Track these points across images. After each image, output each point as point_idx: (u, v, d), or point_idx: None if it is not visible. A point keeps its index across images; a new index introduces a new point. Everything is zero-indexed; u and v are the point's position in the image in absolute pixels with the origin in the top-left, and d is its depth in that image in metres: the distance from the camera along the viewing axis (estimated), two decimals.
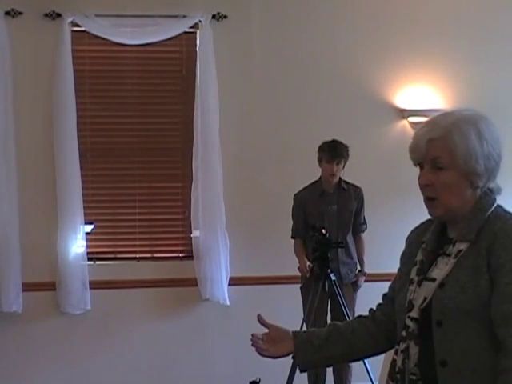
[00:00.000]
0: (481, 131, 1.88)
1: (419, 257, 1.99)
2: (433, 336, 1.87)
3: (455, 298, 1.84)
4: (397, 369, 1.94)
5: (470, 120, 1.91)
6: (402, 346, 1.93)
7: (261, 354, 2.15)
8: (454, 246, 1.91)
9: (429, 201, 1.94)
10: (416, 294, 1.93)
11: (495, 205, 1.93)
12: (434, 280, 1.90)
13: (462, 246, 1.89)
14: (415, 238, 2.08)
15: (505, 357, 1.78)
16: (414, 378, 1.90)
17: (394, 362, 1.96)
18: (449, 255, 1.91)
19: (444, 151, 1.89)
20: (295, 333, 2.16)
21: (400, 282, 2.05)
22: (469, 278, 1.84)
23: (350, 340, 2.11)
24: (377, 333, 2.12)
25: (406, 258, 2.07)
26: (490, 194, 1.94)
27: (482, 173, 1.89)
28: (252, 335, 2.16)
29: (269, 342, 2.14)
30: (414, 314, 1.91)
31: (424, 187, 1.94)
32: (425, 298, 1.90)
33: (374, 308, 2.19)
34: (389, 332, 2.11)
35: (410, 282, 1.97)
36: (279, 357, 2.15)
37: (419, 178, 1.97)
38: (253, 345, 2.15)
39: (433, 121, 1.96)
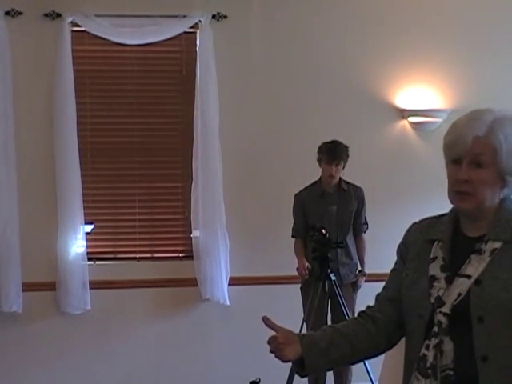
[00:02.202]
0: None
1: (438, 254, 2.01)
2: (472, 332, 1.88)
3: (497, 296, 1.87)
4: (428, 364, 1.93)
5: (510, 120, 1.95)
6: (434, 341, 1.93)
7: (279, 357, 2.07)
8: (486, 244, 1.94)
9: (460, 195, 1.96)
10: (446, 290, 1.94)
11: None
12: (468, 277, 1.92)
13: (496, 245, 1.93)
14: (419, 235, 2.09)
15: None
16: (452, 373, 1.91)
17: (423, 357, 1.95)
18: (481, 253, 1.94)
19: (488, 149, 1.92)
20: (301, 336, 2.12)
21: (408, 279, 2.05)
22: (509, 276, 1.88)
23: (352, 342, 2.10)
24: (377, 334, 2.12)
25: (413, 256, 2.07)
26: (509, 197, 1.98)
27: None
28: (272, 338, 2.08)
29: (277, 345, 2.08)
30: (446, 309, 1.93)
31: (461, 182, 1.95)
32: (459, 294, 1.92)
33: (364, 310, 2.18)
34: (389, 332, 2.11)
35: (433, 279, 1.98)
36: (288, 360, 2.08)
37: (451, 174, 1.98)
38: (272, 349, 2.07)
39: (475, 117, 1.97)
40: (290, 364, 4.59)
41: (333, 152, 4.73)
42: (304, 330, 4.49)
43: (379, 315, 2.13)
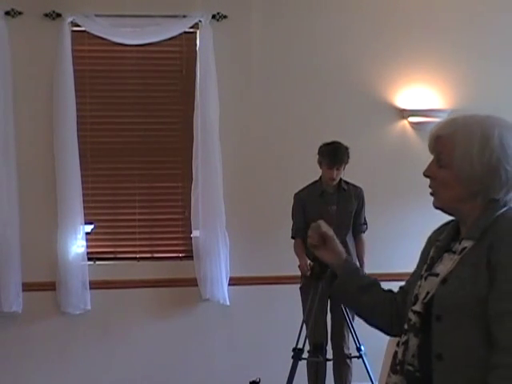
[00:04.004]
0: (489, 140, 1.88)
1: (432, 254, 2.04)
2: (432, 330, 1.91)
3: (455, 294, 1.87)
4: (397, 361, 1.98)
5: (485, 126, 1.91)
6: (404, 338, 1.98)
7: (313, 245, 2.25)
8: (460, 243, 1.95)
9: (431, 192, 2.01)
10: (421, 288, 1.98)
11: (508, 207, 1.94)
12: (437, 275, 1.95)
13: (467, 244, 1.92)
14: (434, 237, 2.11)
15: (496, 353, 1.81)
16: (412, 369, 1.94)
17: (395, 354, 2.00)
18: (454, 252, 1.95)
19: (446, 149, 1.93)
20: (347, 260, 2.25)
21: (412, 278, 2.10)
22: (469, 275, 1.87)
23: (378, 304, 2.16)
24: (391, 313, 2.16)
25: (423, 256, 2.11)
26: (500, 202, 1.94)
27: (479, 180, 1.90)
28: (314, 227, 2.24)
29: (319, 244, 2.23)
30: (418, 307, 1.96)
31: (425, 177, 2.00)
32: (427, 293, 1.94)
33: (392, 290, 2.23)
34: (398, 318, 2.15)
35: (420, 278, 2.02)
36: (315, 259, 2.27)
37: None
38: (314, 233, 2.24)
39: (451, 118, 1.99)
40: (289, 364, 4.61)
41: (333, 156, 4.71)
42: (304, 330, 4.49)
43: (398, 299, 2.17)
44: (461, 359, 1.86)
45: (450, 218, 2.08)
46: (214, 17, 5.23)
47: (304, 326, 4.54)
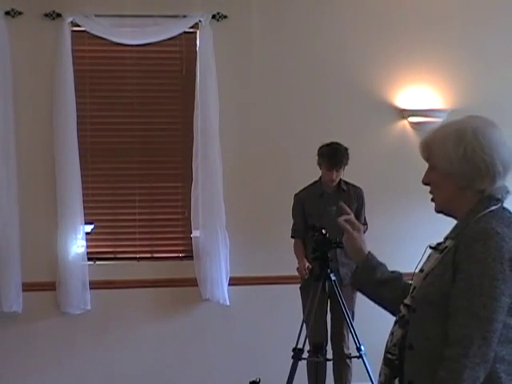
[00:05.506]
0: (463, 134, 2.00)
1: (430, 251, 2.15)
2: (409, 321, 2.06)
3: (426, 289, 2.01)
4: (386, 349, 2.12)
5: (460, 124, 2.04)
6: (393, 328, 2.12)
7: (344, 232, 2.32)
8: (444, 242, 2.06)
9: (432, 198, 2.13)
10: (412, 283, 2.12)
11: (491, 208, 2.01)
12: (423, 271, 2.09)
13: (448, 243, 2.04)
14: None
15: (447, 346, 1.92)
16: (393, 357, 2.08)
17: (387, 342, 2.13)
18: (439, 251, 2.06)
19: (430, 153, 2.07)
20: (369, 256, 2.32)
21: None
22: (440, 272, 2.00)
23: (397, 297, 2.20)
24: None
25: None
26: (489, 198, 2.03)
27: (461, 174, 2.00)
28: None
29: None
30: (407, 300, 2.09)
31: (424, 185, 2.12)
32: (414, 287, 2.08)
33: None
34: None
35: (413, 274, 2.15)
36: (338, 243, 2.38)
37: None
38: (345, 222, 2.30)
39: (439, 125, 2.14)
40: (289, 364, 4.60)
41: (333, 158, 4.70)
42: (304, 330, 4.50)
43: None
44: (427, 350, 1.98)
45: (449, 219, 2.15)
46: (214, 17, 5.23)
47: (304, 326, 4.54)
